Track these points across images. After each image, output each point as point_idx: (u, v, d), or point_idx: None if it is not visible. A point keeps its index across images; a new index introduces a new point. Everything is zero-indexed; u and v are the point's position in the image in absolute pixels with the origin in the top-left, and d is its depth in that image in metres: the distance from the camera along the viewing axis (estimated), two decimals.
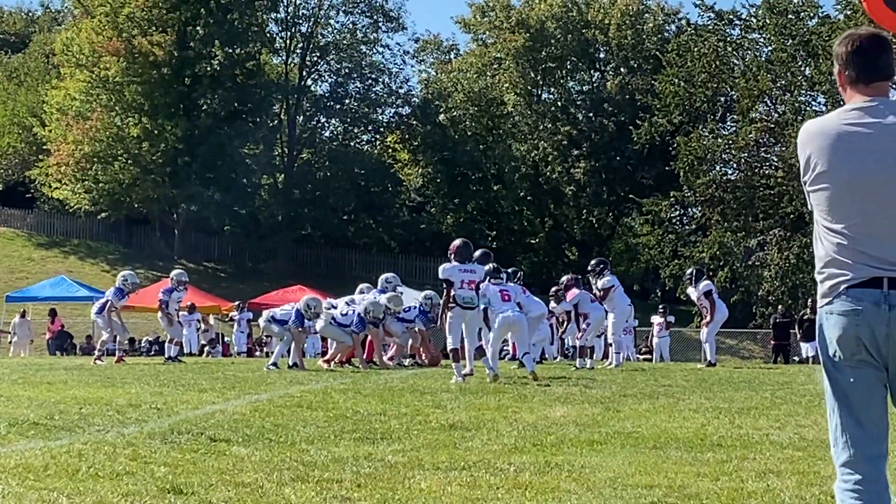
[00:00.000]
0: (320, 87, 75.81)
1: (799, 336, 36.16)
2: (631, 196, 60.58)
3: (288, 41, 73.53)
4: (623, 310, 24.90)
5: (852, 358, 4.91)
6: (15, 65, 79.41)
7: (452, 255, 18.20)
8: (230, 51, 65.58)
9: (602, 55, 73.72)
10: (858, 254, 4.90)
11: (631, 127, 58.67)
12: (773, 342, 38.58)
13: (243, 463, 8.45)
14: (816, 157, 5.02)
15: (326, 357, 24.28)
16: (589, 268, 25.16)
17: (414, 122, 74.73)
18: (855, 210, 4.93)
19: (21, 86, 75.65)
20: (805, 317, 35.32)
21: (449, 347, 17.93)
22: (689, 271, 27.46)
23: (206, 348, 39.27)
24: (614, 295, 24.44)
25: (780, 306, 41.80)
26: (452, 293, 17.78)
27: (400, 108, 76.48)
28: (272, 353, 27.04)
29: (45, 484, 7.42)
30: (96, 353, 27.55)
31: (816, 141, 5.04)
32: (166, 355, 27.43)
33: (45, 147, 65.80)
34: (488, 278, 19.39)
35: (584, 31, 71.45)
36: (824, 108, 46.33)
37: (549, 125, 71.58)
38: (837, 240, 4.96)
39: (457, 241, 18.55)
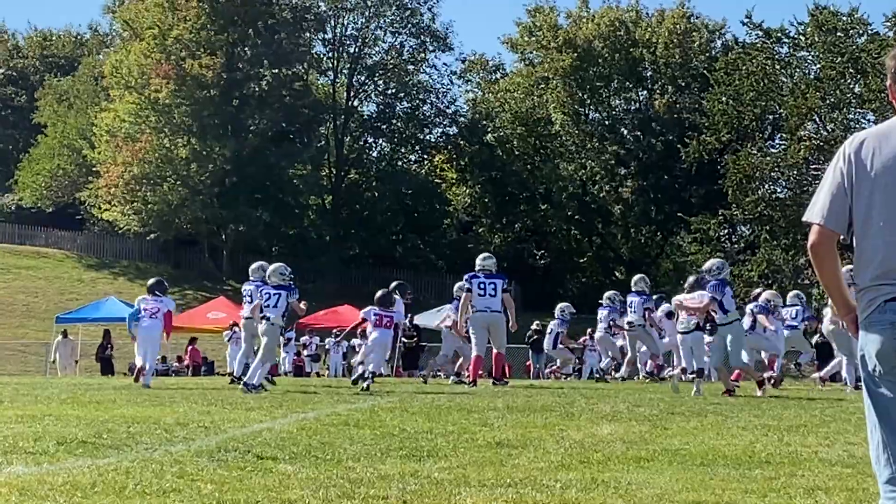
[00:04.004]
0: (368, 107, 76.35)
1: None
2: (679, 214, 60.29)
3: (335, 62, 73.98)
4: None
5: (892, 371, 4.86)
6: (64, 87, 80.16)
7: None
8: (278, 71, 66.01)
9: (649, 74, 73.59)
10: None
11: (679, 145, 58.65)
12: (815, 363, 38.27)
13: (290, 480, 8.45)
14: (861, 168, 4.98)
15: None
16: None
17: (461, 142, 74.93)
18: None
19: (70, 108, 76.39)
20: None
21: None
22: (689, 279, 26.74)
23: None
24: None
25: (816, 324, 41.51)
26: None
27: (447, 128, 76.88)
28: (319, 373, 26.94)
29: (93, 501, 7.45)
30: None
31: (863, 150, 5.00)
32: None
33: (94, 169, 66.41)
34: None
35: (631, 49, 71.43)
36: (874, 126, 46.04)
37: (597, 144, 71.52)
38: (877, 253, 4.92)
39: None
